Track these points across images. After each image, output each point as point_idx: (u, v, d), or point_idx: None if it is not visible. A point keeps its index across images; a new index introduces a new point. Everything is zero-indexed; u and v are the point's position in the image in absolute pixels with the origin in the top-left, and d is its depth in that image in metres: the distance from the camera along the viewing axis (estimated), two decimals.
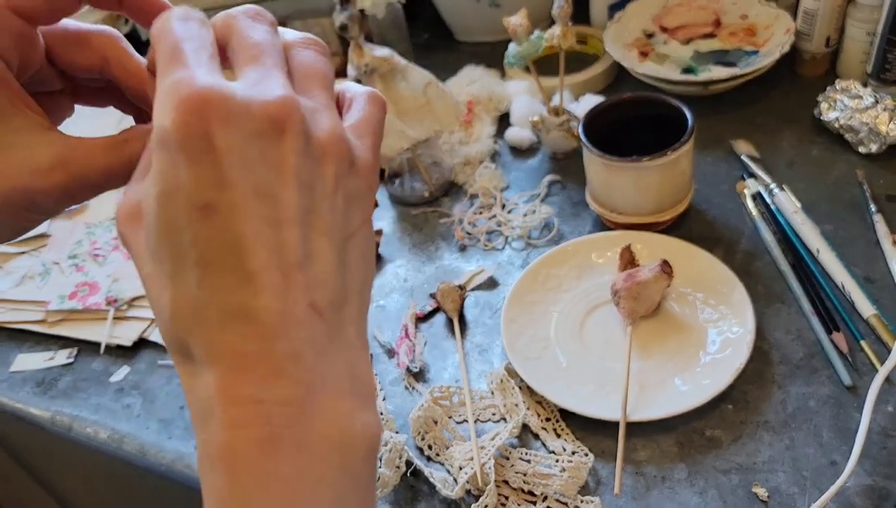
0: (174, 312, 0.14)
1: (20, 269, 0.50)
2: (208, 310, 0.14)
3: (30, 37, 0.17)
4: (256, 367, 0.13)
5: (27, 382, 0.43)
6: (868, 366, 0.35)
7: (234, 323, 0.13)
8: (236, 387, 0.13)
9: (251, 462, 0.13)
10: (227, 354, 0.13)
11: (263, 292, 0.14)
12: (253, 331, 0.13)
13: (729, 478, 0.32)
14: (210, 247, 0.13)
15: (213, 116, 0.13)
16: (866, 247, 0.40)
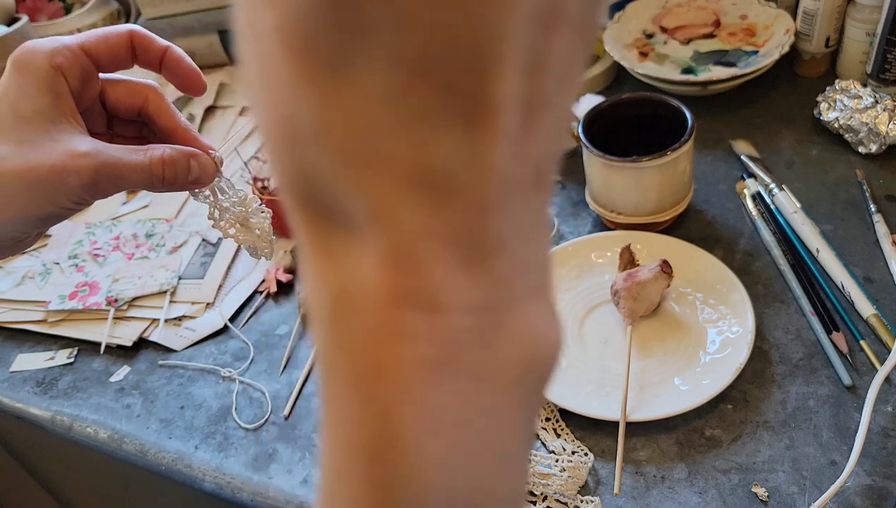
0: (329, 130, 0.08)
1: (20, 269, 0.50)
2: (397, 146, 0.08)
3: (91, 74, 0.22)
4: (447, 253, 0.09)
5: (27, 382, 0.43)
6: (868, 366, 0.35)
7: (434, 179, 0.08)
8: (409, 279, 0.09)
9: (410, 393, 0.09)
10: (409, 225, 0.08)
11: (496, 136, 0.08)
12: (459, 197, 0.08)
13: (728, 478, 0.32)
14: (436, 32, 0.08)
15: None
16: (866, 247, 0.40)
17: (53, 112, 0.20)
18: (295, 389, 0.40)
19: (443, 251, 0.09)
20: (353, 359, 0.09)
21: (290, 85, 0.08)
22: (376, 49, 0.08)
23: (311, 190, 0.09)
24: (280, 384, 0.40)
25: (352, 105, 0.08)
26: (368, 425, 0.09)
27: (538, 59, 0.08)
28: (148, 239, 0.51)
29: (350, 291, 0.09)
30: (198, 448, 0.38)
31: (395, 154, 0.08)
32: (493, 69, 0.08)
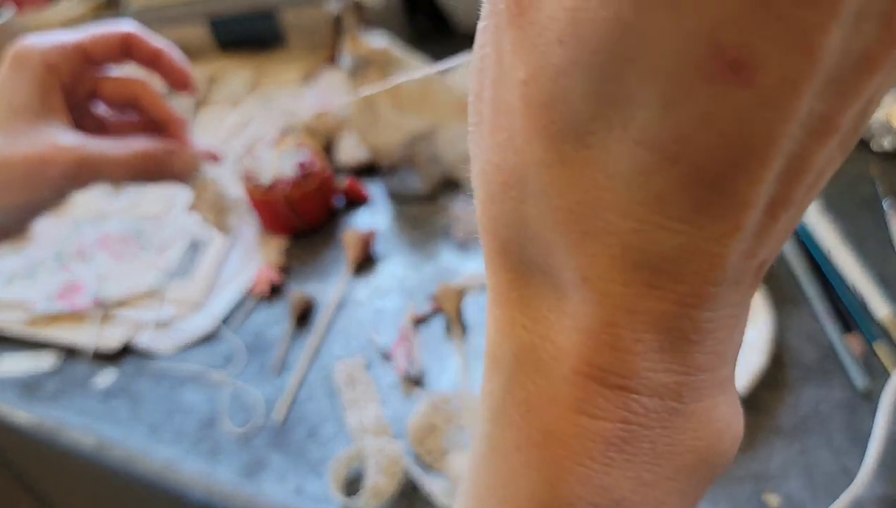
0: (565, 193, 0.08)
1: (5, 271, 0.48)
2: (626, 223, 0.08)
3: (84, 71, 0.23)
4: (650, 335, 0.09)
5: (12, 386, 0.42)
6: (881, 370, 0.33)
7: (657, 263, 0.08)
8: (606, 354, 0.09)
9: (583, 466, 0.09)
10: (619, 301, 0.08)
11: (736, 233, 0.08)
12: (679, 285, 0.08)
13: (742, 486, 0.31)
14: (703, 121, 0.07)
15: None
16: (880, 245, 0.39)
17: (42, 107, 0.21)
18: (287, 394, 0.38)
19: (646, 332, 0.09)
20: (531, 419, 0.09)
21: (528, 139, 0.08)
22: (630, 125, 0.07)
23: (519, 241, 0.09)
24: (273, 388, 0.39)
25: (590, 174, 0.08)
26: (535, 489, 0.09)
27: (797, 164, 0.08)
28: (136, 238, 0.49)
29: (541, 350, 0.09)
30: (187, 455, 0.36)
31: (622, 230, 0.08)
32: (753, 168, 0.08)
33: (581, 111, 0.07)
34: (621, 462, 0.09)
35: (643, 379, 0.09)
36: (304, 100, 0.54)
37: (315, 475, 0.34)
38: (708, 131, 0.07)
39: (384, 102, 0.43)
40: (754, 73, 0.07)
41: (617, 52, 0.07)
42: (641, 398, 0.09)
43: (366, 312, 0.42)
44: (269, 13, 0.61)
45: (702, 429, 0.09)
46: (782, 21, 0.06)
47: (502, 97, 0.08)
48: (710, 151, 0.07)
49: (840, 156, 0.09)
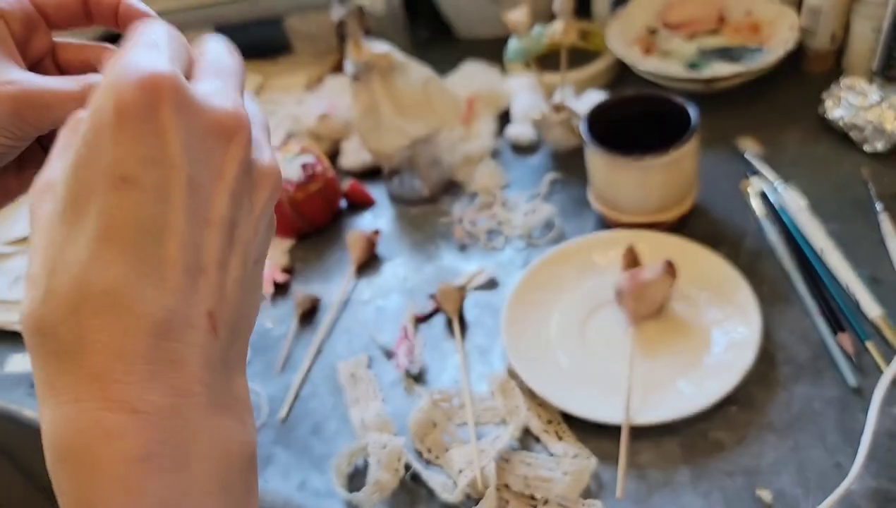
0: (53, 288, 0.12)
1: (15, 269, 0.49)
2: (93, 291, 0.12)
3: (36, 23, 0.20)
4: (135, 367, 0.12)
5: (21, 383, 0.43)
6: (873, 367, 0.34)
7: (118, 310, 0.12)
8: (111, 389, 0.12)
9: (126, 481, 0.12)
10: (106, 348, 0.12)
11: (163, 285, 0.13)
12: (138, 325, 0.12)
13: (733, 481, 0.31)
14: (115, 220, 0.12)
15: (167, 98, 0.13)
16: (872, 247, 0.40)
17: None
18: (292, 391, 0.39)
19: (134, 363, 0.12)
20: (77, 461, 0.12)
21: (31, 261, 0.14)
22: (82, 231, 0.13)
23: (46, 328, 0.13)
24: (276, 386, 0.40)
25: (66, 267, 0.13)
26: (92, 503, 0.12)
27: (196, 245, 0.13)
28: None
29: (71, 403, 0.12)
30: None
31: (90, 293, 0.12)
32: (156, 243, 0.13)
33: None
34: (154, 471, 0.12)
35: (146, 402, 0.12)
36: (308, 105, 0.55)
37: (319, 470, 0.35)
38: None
39: (386, 107, 0.44)
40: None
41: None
42: (149, 416, 0.12)
43: (368, 311, 0.43)
44: (275, 20, 0.62)
45: (205, 439, 0.13)
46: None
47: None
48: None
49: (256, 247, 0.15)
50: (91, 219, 0.12)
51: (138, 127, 0.12)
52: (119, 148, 0.12)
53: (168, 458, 0.12)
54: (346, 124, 0.52)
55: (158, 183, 0.13)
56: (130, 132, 0.12)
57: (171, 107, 0.13)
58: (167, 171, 0.13)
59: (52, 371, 0.13)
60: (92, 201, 0.12)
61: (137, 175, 0.12)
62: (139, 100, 0.13)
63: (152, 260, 0.13)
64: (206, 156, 0.13)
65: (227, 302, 0.14)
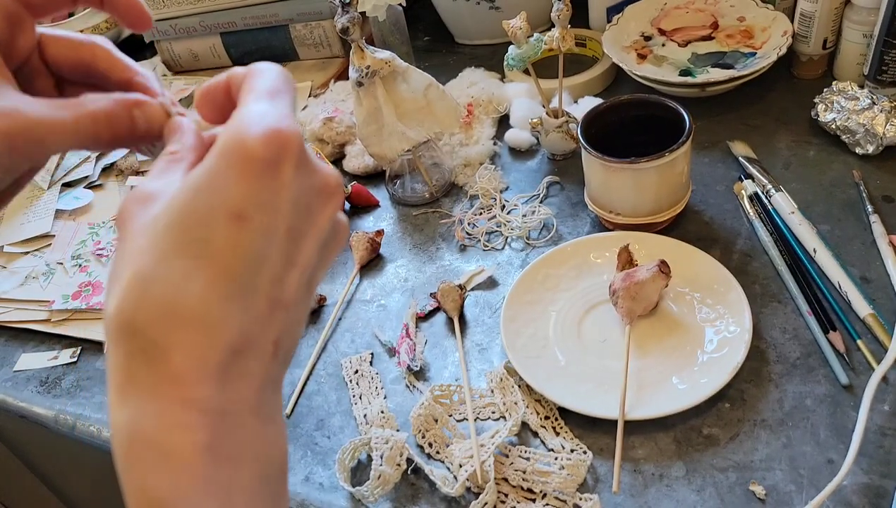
0: (152, 294, 0.14)
1: (24, 269, 0.50)
2: (187, 304, 0.14)
3: (20, 19, 0.18)
4: (210, 376, 0.14)
5: (31, 381, 0.44)
6: (864, 365, 0.35)
7: (205, 327, 0.14)
8: (188, 390, 0.14)
9: (195, 465, 0.14)
10: (190, 356, 0.14)
11: (248, 312, 0.15)
12: (219, 341, 0.14)
13: (726, 476, 0.32)
14: (224, 252, 0.14)
15: (290, 156, 0.15)
16: (863, 248, 0.40)
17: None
18: (296, 387, 0.40)
19: (214, 372, 0.14)
20: (154, 443, 0.14)
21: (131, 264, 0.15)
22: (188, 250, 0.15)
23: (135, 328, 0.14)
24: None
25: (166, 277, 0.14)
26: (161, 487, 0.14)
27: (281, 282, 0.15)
28: None
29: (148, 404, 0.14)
30: None
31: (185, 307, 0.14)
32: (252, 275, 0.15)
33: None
34: (215, 460, 0.14)
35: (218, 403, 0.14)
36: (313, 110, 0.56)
37: (323, 465, 0.36)
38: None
39: (388, 112, 0.45)
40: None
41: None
42: (218, 415, 0.14)
43: (371, 310, 0.44)
44: (281, 27, 0.63)
45: (257, 440, 0.15)
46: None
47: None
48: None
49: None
50: (200, 242, 0.14)
51: (261, 176, 0.14)
52: (240, 190, 0.14)
53: (228, 453, 0.14)
54: (349, 129, 0.53)
55: (267, 225, 0.15)
56: (253, 179, 0.14)
57: (292, 165, 0.15)
58: (276, 217, 0.15)
59: (135, 366, 0.14)
60: (204, 227, 0.14)
61: (252, 216, 0.14)
62: (266, 155, 0.14)
63: (245, 289, 0.15)
64: (308, 210, 0.16)
65: (290, 333, 0.16)
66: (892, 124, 0.44)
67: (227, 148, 0.14)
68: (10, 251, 0.52)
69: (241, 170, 0.14)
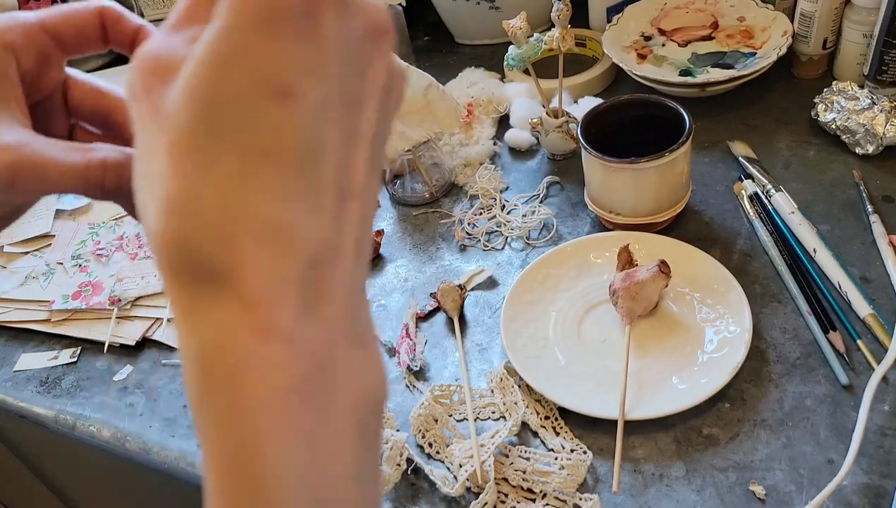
0: (202, 206, 0.11)
1: (24, 269, 0.50)
2: (251, 215, 0.11)
3: (50, 55, 0.19)
4: (294, 298, 0.11)
5: (31, 381, 0.44)
6: (864, 365, 0.35)
7: (279, 239, 0.11)
8: (266, 318, 0.11)
9: (277, 412, 0.11)
10: (264, 275, 0.11)
11: (320, 212, 0.12)
12: (299, 254, 0.11)
13: (726, 476, 0.32)
14: (277, 138, 0.11)
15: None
16: (863, 248, 0.40)
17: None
18: None
19: (293, 294, 0.11)
20: (226, 391, 0.11)
21: (168, 174, 0.11)
22: (233, 145, 0.11)
23: (189, 255, 0.11)
24: None
25: (215, 183, 0.11)
26: (239, 440, 0.11)
27: (348, 166, 0.12)
28: None
29: (221, 335, 0.11)
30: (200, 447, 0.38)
31: (248, 217, 0.11)
32: (317, 165, 0.12)
33: (202, 146, 0.11)
34: (300, 404, 0.11)
35: (303, 333, 0.12)
36: None
37: None
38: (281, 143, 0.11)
39: None
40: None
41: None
42: (305, 347, 0.12)
43: (371, 310, 0.44)
44: None
45: (351, 375, 0.12)
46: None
47: (151, 152, 0.12)
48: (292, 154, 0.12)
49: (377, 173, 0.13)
50: (246, 134, 0.11)
51: (299, 32, 0.11)
52: (278, 55, 0.11)
53: (316, 391, 0.12)
54: None
55: (319, 97, 0.11)
56: (290, 38, 0.11)
57: (332, 8, 0.11)
58: (327, 83, 0.11)
59: (200, 293, 0.11)
60: (245, 113, 0.11)
61: (301, 89, 0.11)
62: (299, 2, 0.11)
63: (310, 185, 0.11)
64: (359, 65, 0.12)
65: (367, 225, 0.13)
66: (892, 124, 0.44)
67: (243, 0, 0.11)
68: (10, 251, 0.52)
69: (278, 26, 0.11)
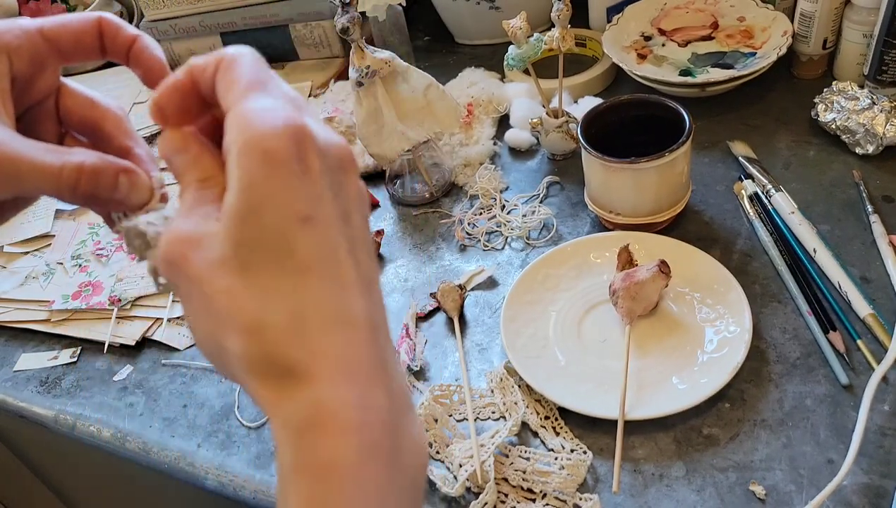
0: (270, 323, 0.14)
1: (24, 269, 0.50)
2: (311, 317, 0.14)
3: (45, 60, 0.19)
4: (360, 372, 0.14)
5: (31, 381, 0.44)
6: (864, 365, 0.35)
7: (336, 329, 0.14)
8: (344, 393, 0.14)
9: (355, 470, 0.14)
10: (333, 360, 0.14)
11: (358, 299, 0.15)
12: (354, 337, 0.14)
13: (726, 476, 0.32)
14: (312, 254, 0.14)
15: (310, 145, 0.15)
16: (863, 248, 0.40)
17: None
18: None
19: (359, 369, 0.14)
20: (314, 457, 0.14)
21: (234, 311, 0.14)
22: (282, 271, 0.14)
23: (270, 362, 0.14)
24: None
25: (277, 305, 0.14)
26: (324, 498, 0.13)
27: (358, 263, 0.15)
28: None
29: (304, 415, 0.14)
30: (200, 447, 0.38)
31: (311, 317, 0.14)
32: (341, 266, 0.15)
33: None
34: (375, 461, 0.14)
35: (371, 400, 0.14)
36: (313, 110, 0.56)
37: None
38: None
39: (388, 112, 0.45)
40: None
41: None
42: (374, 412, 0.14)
43: None
44: (281, 27, 0.63)
45: (408, 433, 0.15)
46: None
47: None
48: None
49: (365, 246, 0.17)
50: (289, 259, 0.14)
51: (300, 174, 0.14)
52: (291, 193, 0.14)
53: (386, 449, 0.14)
54: (349, 129, 0.54)
55: (327, 217, 0.15)
56: (296, 179, 0.14)
57: (314, 153, 0.15)
58: (327, 206, 0.15)
59: (284, 388, 0.14)
60: (283, 242, 0.14)
61: (315, 213, 0.14)
62: (291, 152, 0.14)
63: (344, 283, 0.15)
64: (341, 189, 0.15)
65: (383, 307, 0.16)
66: (892, 124, 0.44)
67: (256, 156, 0.14)
68: (10, 251, 0.52)
69: (282, 173, 0.14)
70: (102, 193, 0.18)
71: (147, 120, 0.61)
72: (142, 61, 0.20)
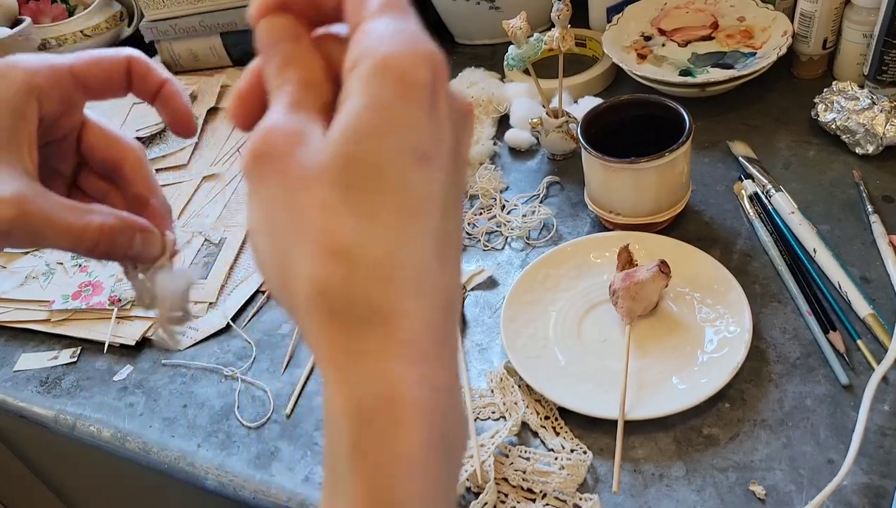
0: (362, 255, 0.12)
1: (24, 269, 0.50)
2: (405, 264, 0.12)
3: (74, 100, 0.19)
4: (435, 343, 0.12)
5: (31, 381, 0.44)
6: (864, 365, 0.35)
7: (425, 288, 0.12)
8: (419, 363, 0.12)
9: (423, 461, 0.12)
10: (417, 322, 0.12)
11: (451, 264, 0.13)
12: (440, 300, 0.13)
13: (726, 476, 0.32)
14: (423, 196, 0.12)
15: (444, 81, 0.13)
16: (863, 248, 0.40)
17: (5, 138, 0.18)
18: (297, 388, 0.40)
19: (441, 338, 0.13)
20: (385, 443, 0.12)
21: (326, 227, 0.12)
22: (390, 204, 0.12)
23: (348, 301, 0.12)
24: (282, 383, 0.40)
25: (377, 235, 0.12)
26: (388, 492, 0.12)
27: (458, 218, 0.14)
28: None
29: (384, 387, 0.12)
30: (200, 447, 0.38)
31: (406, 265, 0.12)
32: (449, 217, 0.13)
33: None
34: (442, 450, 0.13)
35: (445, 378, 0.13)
36: None
37: (322, 465, 0.36)
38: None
39: None
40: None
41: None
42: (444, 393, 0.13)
43: None
44: None
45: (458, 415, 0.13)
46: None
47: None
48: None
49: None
50: (400, 193, 0.12)
51: (430, 107, 0.12)
52: (418, 125, 0.12)
53: (450, 441, 0.13)
54: None
55: (444, 163, 0.13)
56: (425, 111, 0.12)
57: (444, 94, 0.13)
58: (447, 153, 0.13)
59: (358, 339, 0.12)
60: (399, 175, 0.12)
61: (435, 153, 0.13)
62: (428, 83, 0.12)
63: (444, 238, 0.13)
64: (458, 140, 0.14)
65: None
66: (892, 124, 0.44)
67: (391, 76, 0.12)
68: (10, 251, 0.52)
69: (413, 103, 0.12)
70: (118, 251, 0.19)
71: (148, 120, 0.61)
72: (170, 108, 0.20)
